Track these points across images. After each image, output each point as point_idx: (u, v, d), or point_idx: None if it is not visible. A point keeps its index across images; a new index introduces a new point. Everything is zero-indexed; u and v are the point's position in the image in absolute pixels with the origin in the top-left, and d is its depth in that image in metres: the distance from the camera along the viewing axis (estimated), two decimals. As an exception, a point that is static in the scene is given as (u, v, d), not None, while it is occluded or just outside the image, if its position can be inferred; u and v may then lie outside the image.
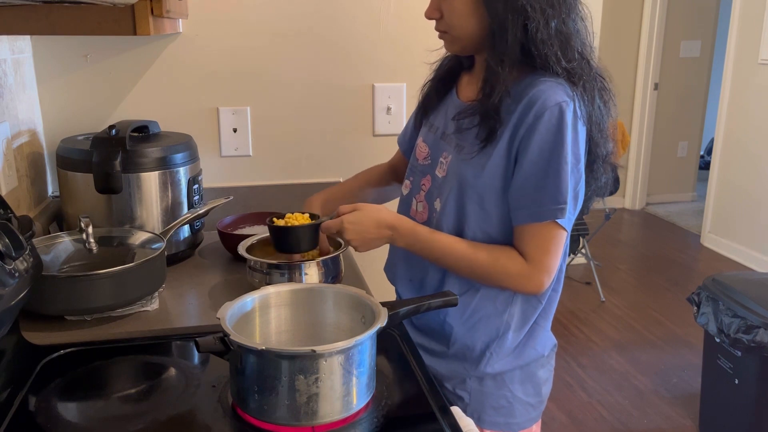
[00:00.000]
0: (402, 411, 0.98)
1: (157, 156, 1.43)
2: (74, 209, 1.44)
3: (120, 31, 1.07)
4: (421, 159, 1.27)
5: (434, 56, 1.31)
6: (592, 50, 1.13)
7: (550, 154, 1.07)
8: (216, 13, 1.65)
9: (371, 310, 1.00)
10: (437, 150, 1.23)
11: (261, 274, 1.29)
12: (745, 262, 4.48)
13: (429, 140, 1.27)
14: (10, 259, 0.91)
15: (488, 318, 1.19)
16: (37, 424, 0.95)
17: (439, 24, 1.16)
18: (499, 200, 1.13)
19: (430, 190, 1.23)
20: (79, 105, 1.65)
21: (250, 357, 0.89)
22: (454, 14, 1.12)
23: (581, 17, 1.11)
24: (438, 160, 1.22)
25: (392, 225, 1.16)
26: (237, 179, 1.76)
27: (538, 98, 1.07)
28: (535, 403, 1.26)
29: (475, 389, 1.22)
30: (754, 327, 2.19)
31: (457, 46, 1.17)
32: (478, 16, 1.09)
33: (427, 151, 1.26)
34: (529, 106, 1.07)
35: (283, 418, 0.89)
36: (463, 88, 1.25)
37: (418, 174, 1.28)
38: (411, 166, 1.31)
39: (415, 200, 1.27)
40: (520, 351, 1.22)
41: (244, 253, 1.32)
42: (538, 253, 1.11)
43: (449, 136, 1.21)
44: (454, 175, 1.17)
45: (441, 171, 1.21)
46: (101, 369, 1.09)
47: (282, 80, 1.73)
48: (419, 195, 1.26)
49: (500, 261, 1.13)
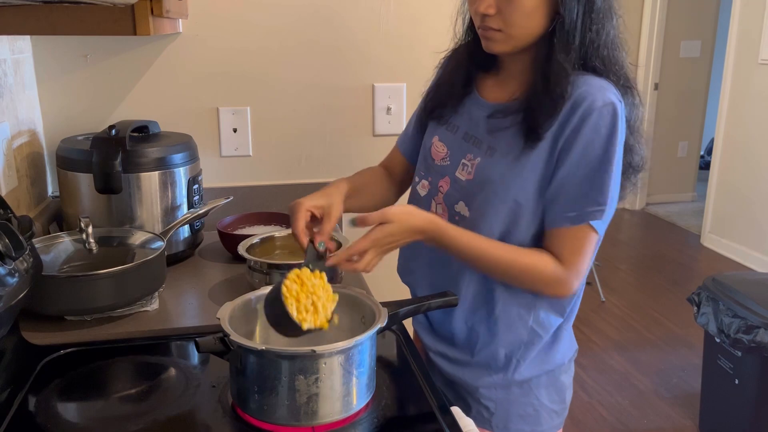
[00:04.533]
0: (402, 411, 0.98)
1: (157, 156, 1.43)
2: (74, 209, 1.44)
3: (120, 31, 1.07)
4: (439, 159, 1.22)
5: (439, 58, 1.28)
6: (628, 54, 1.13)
7: (595, 157, 1.04)
8: (216, 13, 1.65)
9: (371, 310, 1.00)
10: (459, 150, 1.18)
11: (261, 274, 1.29)
12: (745, 262, 4.48)
13: (447, 140, 1.21)
14: (10, 259, 0.91)
15: (513, 324, 1.17)
16: (37, 424, 0.95)
17: (493, 20, 1.07)
18: (533, 203, 1.10)
19: (449, 192, 1.18)
20: (79, 105, 1.65)
21: (250, 357, 0.89)
22: (517, 12, 1.04)
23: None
24: (459, 161, 1.17)
25: (425, 229, 1.09)
26: (237, 179, 1.76)
27: (585, 98, 1.04)
28: (559, 410, 1.23)
29: (501, 397, 1.19)
30: (754, 327, 2.19)
31: (509, 46, 1.09)
32: (542, 14, 1.05)
33: (446, 151, 1.21)
34: (575, 105, 1.04)
35: (283, 418, 0.89)
36: (489, 89, 1.19)
37: (436, 175, 1.22)
38: (427, 165, 1.25)
39: (434, 202, 1.22)
40: (546, 356, 1.20)
41: (244, 253, 1.32)
42: (573, 256, 1.08)
43: (476, 137, 1.16)
44: (484, 179, 1.12)
45: (465, 173, 1.16)
46: (101, 369, 1.09)
47: (282, 80, 1.73)
48: (437, 197, 1.21)
49: (536, 264, 1.09)
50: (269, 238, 1.43)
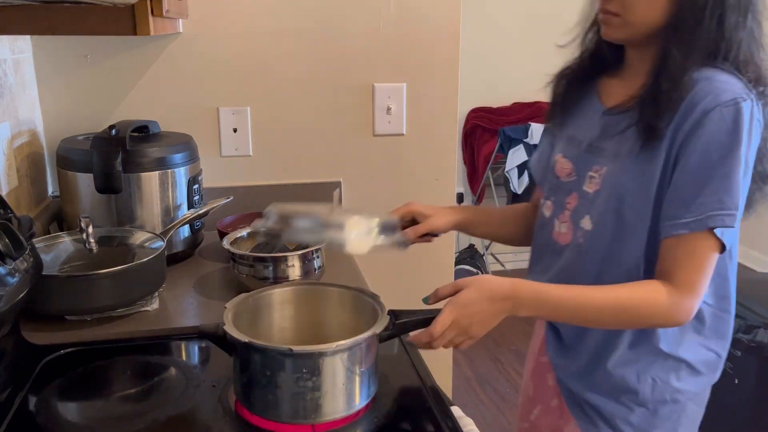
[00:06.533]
0: (402, 411, 0.98)
1: (157, 156, 1.43)
2: (74, 209, 1.44)
3: (120, 31, 1.07)
4: (564, 176, 1.14)
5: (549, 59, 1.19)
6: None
7: (719, 157, 0.94)
8: (216, 13, 1.65)
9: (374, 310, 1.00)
10: (583, 165, 1.10)
11: (246, 267, 1.29)
12: (745, 262, 4.48)
13: (571, 155, 1.14)
14: (10, 259, 0.91)
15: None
16: (37, 424, 0.95)
17: (613, 3, 1.01)
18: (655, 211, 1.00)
19: (577, 208, 1.11)
20: (79, 105, 1.65)
21: (253, 355, 0.89)
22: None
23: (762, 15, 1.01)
24: (586, 174, 1.09)
25: (510, 294, 0.97)
26: (237, 179, 1.76)
27: (709, 92, 0.95)
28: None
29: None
30: (754, 327, 2.19)
31: (626, 33, 1.02)
32: (665, 1, 0.97)
33: (571, 166, 1.13)
34: (694, 102, 0.96)
35: (284, 416, 0.89)
36: (609, 92, 1.12)
37: (562, 193, 1.14)
38: (551, 185, 1.17)
39: (558, 221, 1.14)
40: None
41: (227, 245, 1.32)
42: (689, 272, 0.97)
43: (598, 147, 1.08)
44: (611, 187, 1.04)
45: (592, 185, 1.08)
46: (101, 369, 1.09)
47: (282, 80, 1.73)
48: (563, 215, 1.13)
49: (645, 296, 0.98)
50: (255, 232, 1.43)
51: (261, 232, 1.13)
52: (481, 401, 2.96)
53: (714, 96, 0.95)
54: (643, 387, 1.09)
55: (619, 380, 1.10)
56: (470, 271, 3.68)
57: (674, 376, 1.09)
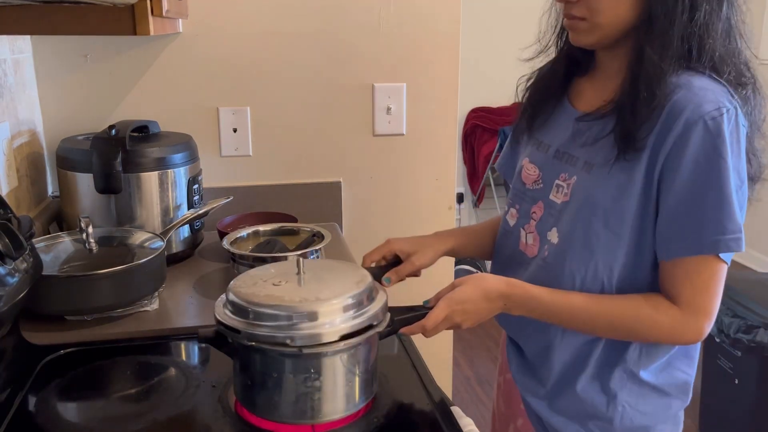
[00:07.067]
0: (402, 411, 0.98)
1: (157, 156, 1.43)
2: (74, 209, 1.44)
3: (120, 31, 1.07)
4: (530, 183, 1.09)
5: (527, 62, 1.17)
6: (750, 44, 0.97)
7: (710, 172, 0.89)
8: (216, 13, 1.65)
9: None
10: (551, 171, 1.05)
11: (246, 267, 1.29)
12: (745, 262, 4.48)
13: (538, 160, 1.09)
14: (10, 259, 0.91)
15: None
16: (37, 424, 0.95)
17: (577, 8, 0.95)
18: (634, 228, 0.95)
19: (543, 218, 1.05)
20: (79, 105, 1.65)
21: (253, 355, 0.89)
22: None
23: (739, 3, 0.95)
24: (553, 182, 1.04)
25: (504, 293, 0.97)
26: (237, 179, 1.76)
27: (690, 100, 0.89)
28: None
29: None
30: (754, 327, 2.19)
31: (596, 37, 0.97)
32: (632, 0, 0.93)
33: (537, 173, 1.08)
34: (675, 113, 0.90)
35: (285, 415, 0.89)
36: (582, 96, 1.07)
37: (527, 201, 1.09)
38: (516, 191, 1.13)
39: (524, 231, 1.09)
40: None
41: (227, 245, 1.32)
42: (697, 294, 0.93)
43: (567, 153, 1.03)
44: (582, 199, 0.99)
45: (560, 196, 1.02)
46: (101, 369, 1.09)
47: (282, 80, 1.73)
48: (529, 225, 1.08)
49: (644, 312, 0.95)
50: (255, 232, 1.43)
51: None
52: (481, 401, 2.96)
53: (696, 106, 0.89)
54: (611, 413, 1.04)
55: (589, 405, 1.05)
56: (470, 271, 3.68)
57: (643, 402, 1.05)
